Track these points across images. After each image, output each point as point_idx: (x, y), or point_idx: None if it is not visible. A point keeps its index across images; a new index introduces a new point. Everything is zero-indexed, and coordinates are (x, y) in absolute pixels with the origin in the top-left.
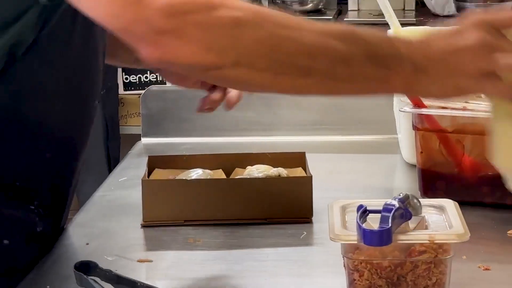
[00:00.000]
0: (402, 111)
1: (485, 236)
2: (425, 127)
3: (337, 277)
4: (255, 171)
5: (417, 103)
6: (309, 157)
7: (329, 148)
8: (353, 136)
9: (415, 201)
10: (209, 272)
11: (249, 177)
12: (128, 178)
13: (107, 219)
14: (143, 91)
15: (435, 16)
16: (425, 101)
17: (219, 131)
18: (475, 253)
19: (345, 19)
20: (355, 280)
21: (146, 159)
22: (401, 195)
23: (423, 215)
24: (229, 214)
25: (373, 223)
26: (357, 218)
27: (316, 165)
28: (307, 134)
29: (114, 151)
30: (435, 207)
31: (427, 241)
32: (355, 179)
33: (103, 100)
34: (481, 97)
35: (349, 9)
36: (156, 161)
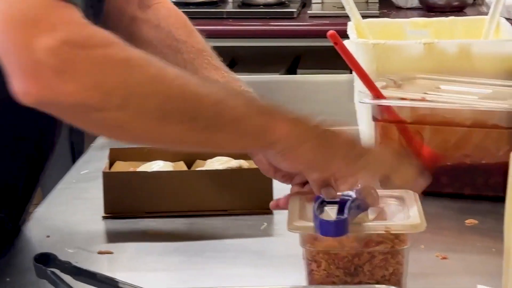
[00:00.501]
0: (362, 103)
1: (444, 226)
2: (384, 118)
3: (296, 267)
4: (216, 163)
5: (377, 94)
6: None
7: None
8: None
9: (373, 192)
10: (170, 263)
11: (209, 169)
12: (90, 171)
13: (68, 212)
14: None
15: (398, 8)
16: (385, 92)
17: None
18: (433, 243)
19: (309, 12)
20: (313, 270)
21: (108, 152)
22: (359, 186)
23: (382, 206)
24: (190, 206)
25: (332, 214)
26: (314, 208)
27: None
28: None
29: (78, 145)
30: (395, 197)
31: (383, 232)
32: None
33: None
34: (440, 89)
35: (313, 1)
36: (117, 154)
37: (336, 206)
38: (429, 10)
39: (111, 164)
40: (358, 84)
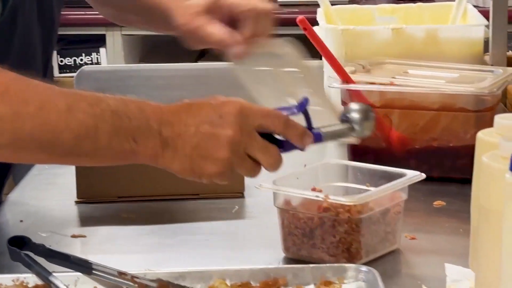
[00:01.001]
0: (331, 87)
1: (412, 207)
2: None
3: (267, 249)
4: None
5: (346, 79)
6: None
7: None
8: None
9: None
10: (142, 246)
11: None
12: None
13: (41, 197)
14: None
15: None
16: (354, 77)
17: None
18: (402, 224)
19: (279, 0)
20: (282, 224)
21: None
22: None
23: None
24: (162, 190)
25: None
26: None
27: None
28: None
29: None
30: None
31: (322, 199)
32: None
33: None
34: (408, 73)
35: None
36: None
37: None
38: None
39: None
40: (327, 69)
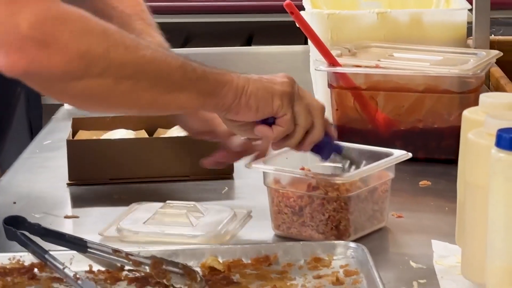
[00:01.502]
0: (318, 70)
1: (399, 187)
2: (340, 85)
3: (256, 229)
4: (175, 132)
5: (332, 62)
6: None
7: None
8: None
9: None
10: None
11: (171, 136)
12: (52, 141)
13: (34, 179)
14: None
15: None
16: (340, 60)
17: None
18: (389, 203)
19: None
20: (273, 204)
21: (70, 123)
22: None
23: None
24: (152, 172)
25: None
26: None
27: None
28: None
29: (36, 120)
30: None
31: (311, 177)
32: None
33: None
34: (393, 56)
35: None
36: (80, 123)
37: None
38: None
39: (74, 133)
40: (314, 53)
